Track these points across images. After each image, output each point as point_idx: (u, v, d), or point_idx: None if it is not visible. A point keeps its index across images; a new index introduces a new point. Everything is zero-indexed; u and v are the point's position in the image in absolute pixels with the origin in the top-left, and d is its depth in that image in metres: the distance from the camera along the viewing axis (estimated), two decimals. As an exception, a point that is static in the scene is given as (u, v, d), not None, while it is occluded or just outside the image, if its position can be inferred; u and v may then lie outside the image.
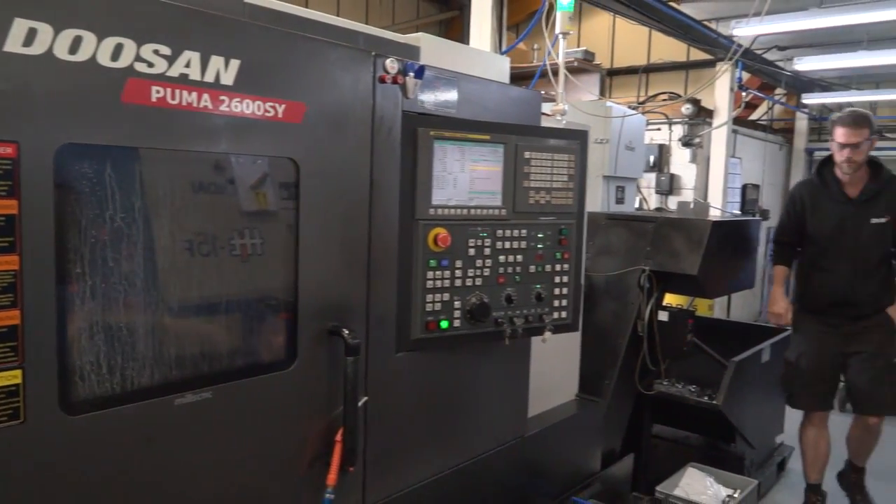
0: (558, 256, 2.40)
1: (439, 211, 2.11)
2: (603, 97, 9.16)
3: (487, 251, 2.21)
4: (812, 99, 9.18)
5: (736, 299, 8.44)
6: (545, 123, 2.69)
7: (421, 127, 2.06)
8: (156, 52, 1.46)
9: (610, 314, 3.61)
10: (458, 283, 2.16)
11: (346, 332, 1.86)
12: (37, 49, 1.30)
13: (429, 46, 2.25)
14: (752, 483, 3.50)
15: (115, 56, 1.40)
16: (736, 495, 3.38)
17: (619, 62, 11.26)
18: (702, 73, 10.04)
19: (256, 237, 1.74)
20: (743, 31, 5.55)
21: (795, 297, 3.86)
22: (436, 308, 2.12)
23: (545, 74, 3.22)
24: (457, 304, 2.16)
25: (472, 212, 2.18)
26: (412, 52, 2.18)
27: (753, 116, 10.57)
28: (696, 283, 3.55)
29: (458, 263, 2.16)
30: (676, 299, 4.32)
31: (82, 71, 1.36)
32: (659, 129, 8.24)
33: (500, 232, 2.24)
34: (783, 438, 4.57)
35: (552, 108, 2.94)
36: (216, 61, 1.56)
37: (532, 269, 2.33)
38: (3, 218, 1.29)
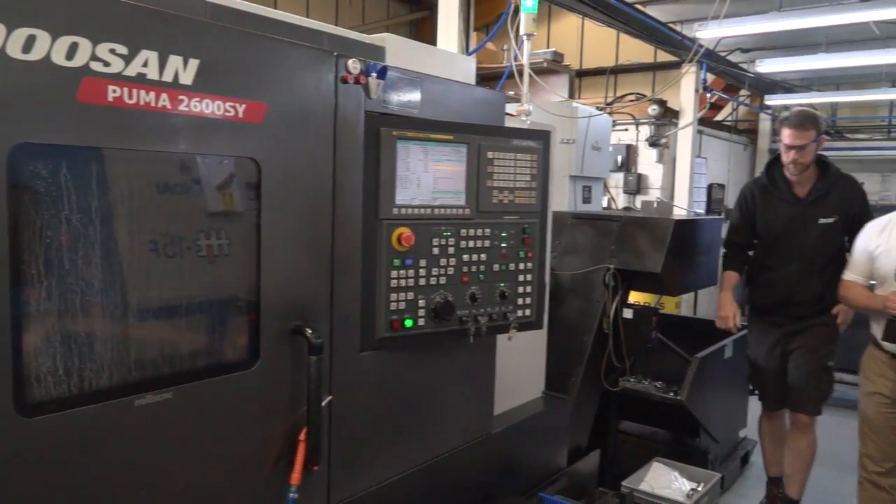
0: (522, 255, 2.42)
1: (403, 210, 2.13)
2: (572, 98, 9.26)
3: (451, 250, 2.23)
4: (775, 100, 9.37)
5: (702, 297, 8.58)
6: (510, 124, 2.72)
7: (384, 127, 2.07)
8: (112, 51, 1.45)
9: (576, 312, 3.66)
10: (422, 282, 2.17)
11: (310, 331, 1.86)
12: (-11, 48, 1.28)
13: (394, 47, 2.26)
14: (716, 476, 3.57)
15: (70, 55, 1.39)
16: (699, 488, 3.45)
17: (588, 63, 11.40)
18: (669, 75, 10.19)
19: (217, 237, 1.73)
20: (705, 33, 5.66)
21: (747, 297, 3.86)
22: (400, 307, 2.13)
23: (513, 75, 3.25)
24: (421, 302, 2.18)
25: (436, 211, 2.20)
26: (377, 53, 2.19)
27: (719, 117, 10.77)
28: (660, 281, 3.62)
29: (423, 262, 2.17)
30: (643, 297, 4.40)
31: (36, 70, 1.34)
32: (626, 130, 8.36)
33: (463, 231, 2.26)
34: (746, 433, 4.67)
35: (517, 109, 2.96)
36: (174, 61, 1.55)
37: (496, 267, 2.36)
38: (-45, 218, 1.27)
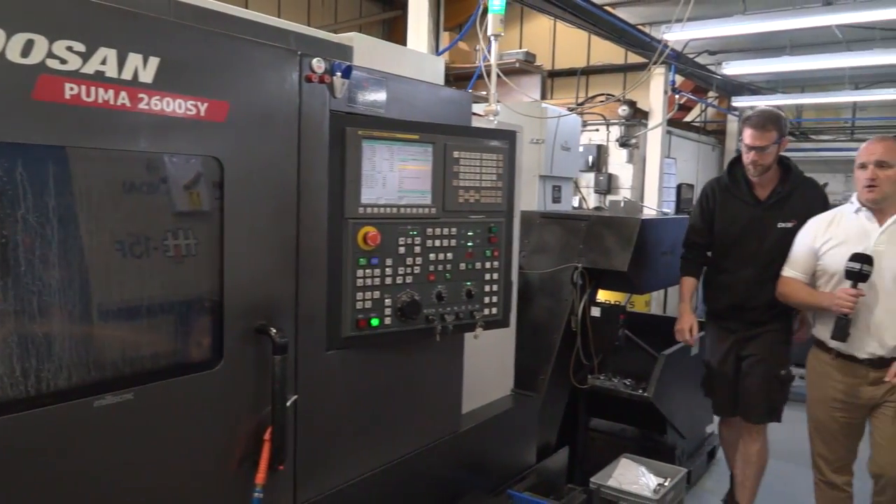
0: (488, 254, 2.44)
1: (369, 210, 2.13)
2: (544, 98, 9.33)
3: (417, 249, 2.24)
4: (741, 102, 9.53)
5: (672, 295, 8.69)
6: (477, 124, 2.73)
7: (349, 126, 2.07)
8: (69, 48, 1.43)
9: (544, 311, 3.69)
10: (388, 280, 2.18)
11: (274, 330, 1.86)
12: (-59, 44, 1.26)
13: (362, 46, 2.26)
14: (682, 472, 3.63)
15: (26, 52, 1.37)
16: (666, 483, 3.50)
17: (560, 64, 11.49)
18: (639, 76, 10.30)
19: (176, 238, 1.72)
20: (671, 35, 5.74)
21: (702, 299, 3.77)
22: (366, 306, 2.14)
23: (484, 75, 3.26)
24: (387, 301, 2.18)
25: (402, 210, 2.21)
26: (345, 52, 2.19)
27: (688, 118, 10.93)
28: (627, 280, 3.67)
29: (389, 262, 2.18)
30: (614, 296, 4.44)
31: (-10, 67, 1.33)
32: (597, 130, 8.44)
33: (430, 230, 2.27)
34: (713, 428, 4.75)
35: (484, 109, 2.98)
36: (134, 58, 1.54)
37: (462, 266, 2.37)
38: None
